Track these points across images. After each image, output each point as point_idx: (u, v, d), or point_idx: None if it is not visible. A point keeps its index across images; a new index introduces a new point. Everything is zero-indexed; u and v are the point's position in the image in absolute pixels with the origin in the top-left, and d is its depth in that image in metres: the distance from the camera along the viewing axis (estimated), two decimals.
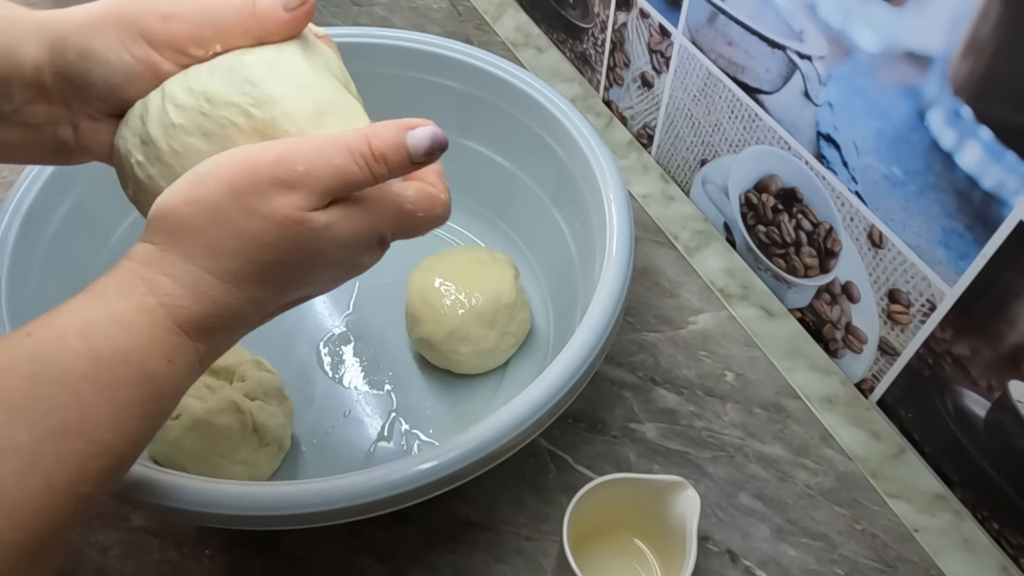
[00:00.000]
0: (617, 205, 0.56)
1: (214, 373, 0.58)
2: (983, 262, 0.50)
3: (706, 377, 0.65)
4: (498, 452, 0.46)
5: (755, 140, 0.65)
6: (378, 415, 0.63)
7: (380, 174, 0.35)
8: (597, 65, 0.83)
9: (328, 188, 0.34)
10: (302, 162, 0.34)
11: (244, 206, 0.34)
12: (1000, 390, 0.52)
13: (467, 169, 0.70)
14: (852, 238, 0.59)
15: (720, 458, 0.61)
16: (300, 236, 0.34)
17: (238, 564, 0.56)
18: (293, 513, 0.44)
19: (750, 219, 0.69)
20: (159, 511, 0.45)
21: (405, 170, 0.36)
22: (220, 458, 0.55)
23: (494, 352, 0.63)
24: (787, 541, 0.57)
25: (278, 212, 0.34)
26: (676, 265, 0.72)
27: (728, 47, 0.64)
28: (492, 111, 0.66)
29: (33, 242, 0.56)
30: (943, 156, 0.50)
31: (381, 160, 0.35)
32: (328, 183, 0.34)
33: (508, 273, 0.63)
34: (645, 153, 0.80)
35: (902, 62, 0.50)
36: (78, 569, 0.55)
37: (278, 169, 0.34)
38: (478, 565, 0.56)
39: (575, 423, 0.62)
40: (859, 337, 0.62)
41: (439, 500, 0.48)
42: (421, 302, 0.62)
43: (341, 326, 0.68)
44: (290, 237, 0.34)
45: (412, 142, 0.35)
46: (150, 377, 0.34)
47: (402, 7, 0.94)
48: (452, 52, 0.66)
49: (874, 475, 0.60)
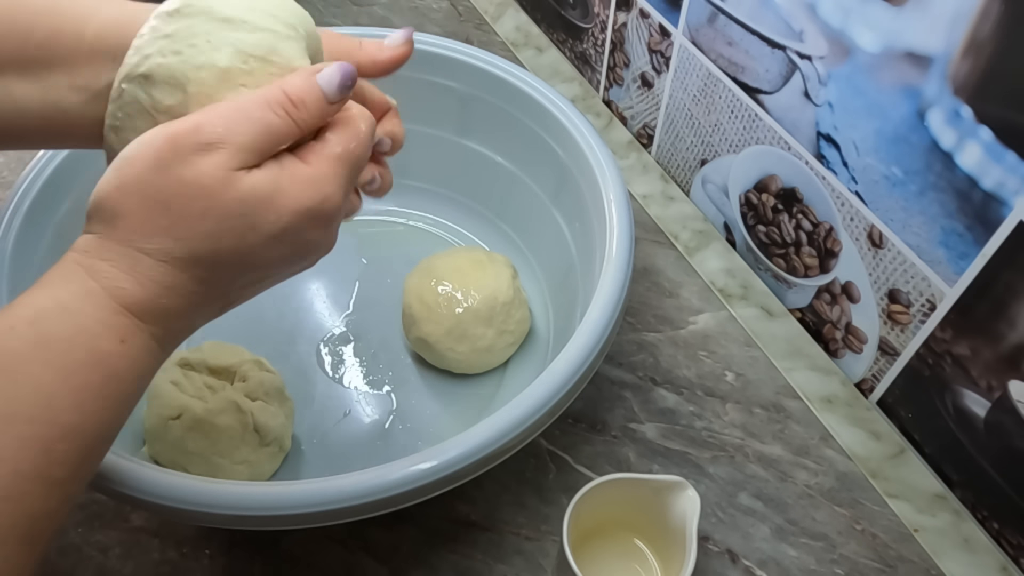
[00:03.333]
0: (617, 205, 0.56)
1: (215, 373, 0.58)
2: (983, 262, 0.50)
3: (706, 377, 0.65)
4: (498, 452, 0.46)
5: (755, 140, 0.65)
6: (378, 415, 0.63)
7: (302, 119, 0.35)
8: (597, 65, 0.83)
9: (252, 143, 0.34)
10: (220, 123, 0.34)
11: (170, 176, 0.34)
12: (1000, 390, 0.52)
13: (467, 169, 0.70)
14: (852, 238, 0.59)
15: (720, 458, 0.61)
16: (230, 200, 0.34)
17: (238, 564, 0.56)
18: (293, 513, 0.44)
19: (750, 219, 0.69)
20: (159, 511, 0.45)
21: (325, 111, 0.36)
22: (221, 458, 0.55)
23: (492, 351, 0.63)
24: (787, 541, 0.57)
25: (204, 175, 0.33)
26: (676, 265, 0.72)
27: (728, 47, 0.64)
28: (492, 111, 0.66)
29: (33, 242, 0.56)
30: (943, 156, 0.50)
31: (301, 104, 0.35)
32: (251, 137, 0.34)
33: (505, 273, 0.63)
34: (645, 153, 0.80)
35: (902, 62, 0.50)
36: (78, 569, 0.55)
37: (198, 135, 0.34)
38: (478, 565, 0.56)
39: (575, 423, 0.62)
40: (859, 337, 0.62)
41: (439, 500, 0.48)
42: (418, 302, 0.62)
43: (341, 326, 0.68)
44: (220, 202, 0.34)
45: (324, 80, 0.36)
46: (105, 357, 0.34)
47: (402, 7, 0.94)
48: (452, 52, 0.66)
49: (874, 475, 0.60)
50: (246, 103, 0.35)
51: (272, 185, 0.35)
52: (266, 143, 0.35)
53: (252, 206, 0.34)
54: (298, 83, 0.35)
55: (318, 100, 0.36)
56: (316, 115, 0.36)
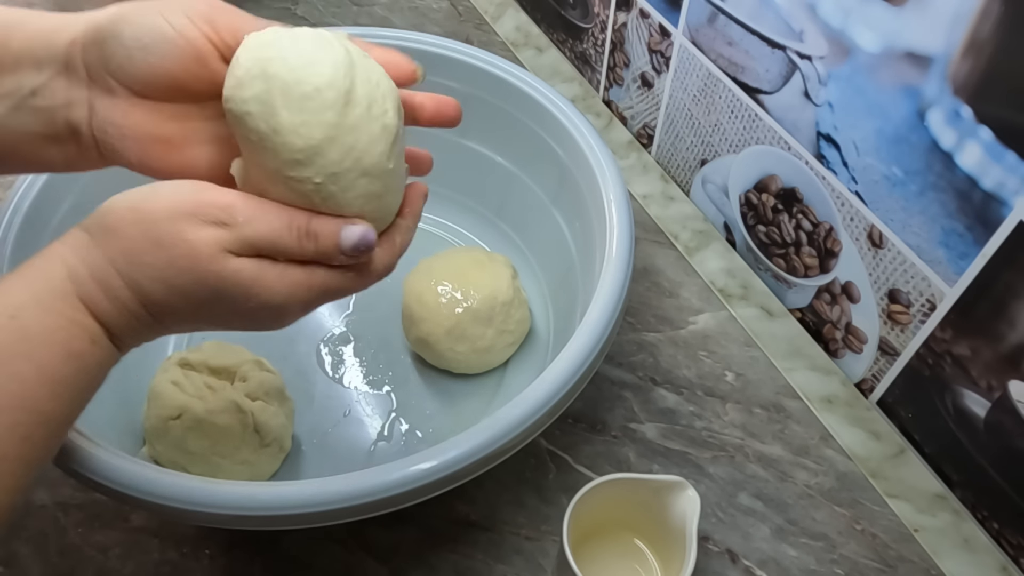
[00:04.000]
0: (617, 205, 0.56)
1: (215, 373, 0.58)
2: (983, 262, 0.50)
3: (706, 377, 0.65)
4: (498, 452, 0.46)
5: (755, 140, 0.65)
6: (378, 415, 0.63)
7: (306, 249, 0.37)
8: (597, 65, 0.83)
9: (256, 238, 0.36)
10: (245, 215, 0.36)
11: (174, 228, 0.36)
12: (1000, 390, 0.52)
13: (467, 169, 0.70)
14: (852, 238, 0.59)
15: (720, 458, 0.61)
16: (210, 273, 0.36)
17: (238, 564, 0.56)
18: (293, 513, 0.44)
19: (750, 219, 0.69)
20: (159, 511, 0.45)
21: (330, 257, 0.38)
22: (221, 458, 0.55)
23: (492, 351, 0.63)
24: (787, 541, 0.57)
25: (200, 241, 0.36)
26: (676, 265, 0.72)
27: (728, 47, 0.64)
28: (492, 111, 0.66)
29: (33, 242, 0.56)
30: (943, 156, 0.50)
31: (313, 237, 0.37)
32: (257, 234, 0.36)
33: (505, 272, 0.63)
34: (645, 153, 0.80)
35: (902, 62, 0.50)
36: (78, 569, 0.55)
37: (221, 213, 0.36)
38: (478, 565, 0.56)
39: (575, 423, 0.62)
40: (859, 337, 0.62)
41: (439, 500, 0.48)
42: (418, 303, 0.62)
43: (341, 326, 0.68)
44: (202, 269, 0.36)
45: (344, 235, 0.38)
46: (78, 355, 0.36)
47: (402, 7, 0.94)
48: (452, 52, 0.66)
49: (874, 475, 0.60)
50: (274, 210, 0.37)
51: (255, 274, 0.37)
52: (266, 246, 0.37)
53: (228, 286, 0.37)
54: (326, 222, 0.37)
55: (330, 247, 0.38)
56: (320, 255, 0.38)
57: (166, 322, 0.39)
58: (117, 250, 0.36)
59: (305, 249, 0.37)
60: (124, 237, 0.36)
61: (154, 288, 0.37)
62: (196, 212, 0.36)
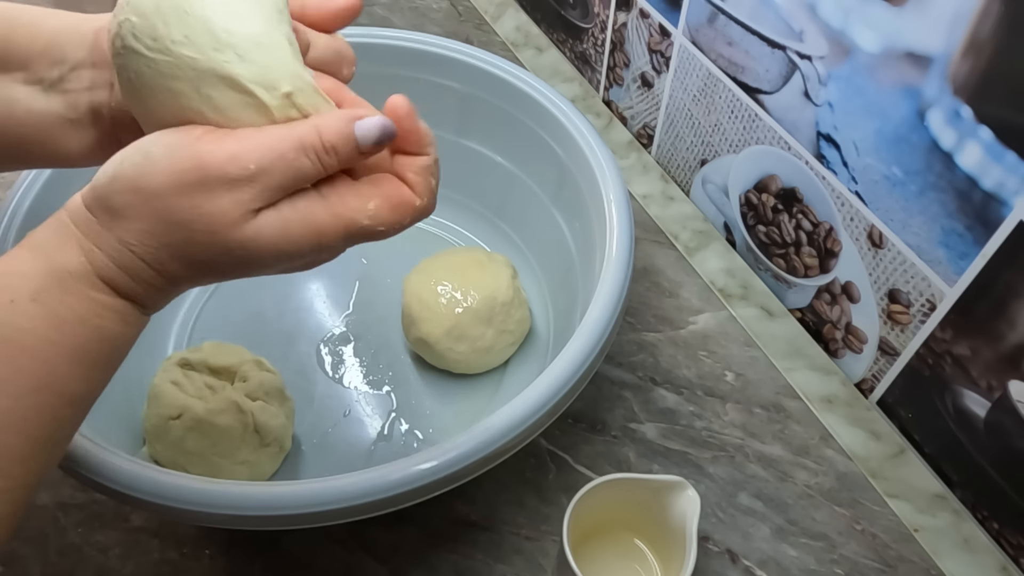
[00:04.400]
0: (617, 205, 0.56)
1: (215, 373, 0.58)
2: (983, 262, 0.50)
3: (706, 377, 0.65)
4: (498, 452, 0.46)
5: (755, 140, 0.65)
6: (378, 415, 0.63)
7: (330, 165, 0.35)
8: (597, 65, 0.83)
9: (280, 184, 0.34)
10: (254, 160, 0.34)
11: (188, 203, 0.34)
12: (1000, 390, 0.52)
13: (467, 169, 0.70)
14: (852, 238, 0.59)
15: (720, 458, 0.61)
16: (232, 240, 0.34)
17: (238, 564, 0.56)
18: (293, 513, 0.44)
19: (750, 219, 0.69)
20: (159, 511, 0.45)
21: (354, 161, 0.36)
22: (221, 458, 0.55)
23: (492, 351, 0.63)
24: (787, 541, 0.57)
25: (219, 212, 0.34)
26: (676, 265, 0.72)
27: (728, 47, 0.64)
28: (492, 111, 0.66)
29: None
30: (943, 156, 0.50)
31: (332, 151, 0.35)
32: (280, 179, 0.34)
33: (505, 272, 0.63)
34: (645, 153, 0.80)
35: (902, 62, 0.50)
36: (78, 569, 0.55)
37: (229, 168, 0.34)
38: (478, 565, 0.56)
39: (575, 423, 0.62)
40: (859, 337, 0.62)
41: (439, 500, 0.48)
42: (418, 303, 0.62)
43: (341, 326, 0.68)
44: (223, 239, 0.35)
45: (360, 132, 0.35)
46: (110, 336, 0.36)
47: (402, 7, 0.94)
48: (452, 52, 0.66)
49: (874, 475, 0.60)
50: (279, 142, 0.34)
51: (279, 229, 0.35)
52: (292, 185, 0.35)
53: (251, 250, 0.35)
54: (334, 128, 0.35)
55: (351, 150, 0.35)
56: (345, 163, 0.36)
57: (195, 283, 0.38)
58: (131, 234, 0.35)
59: (329, 167, 0.35)
60: (136, 220, 0.35)
61: (178, 266, 0.36)
62: (204, 180, 0.34)
